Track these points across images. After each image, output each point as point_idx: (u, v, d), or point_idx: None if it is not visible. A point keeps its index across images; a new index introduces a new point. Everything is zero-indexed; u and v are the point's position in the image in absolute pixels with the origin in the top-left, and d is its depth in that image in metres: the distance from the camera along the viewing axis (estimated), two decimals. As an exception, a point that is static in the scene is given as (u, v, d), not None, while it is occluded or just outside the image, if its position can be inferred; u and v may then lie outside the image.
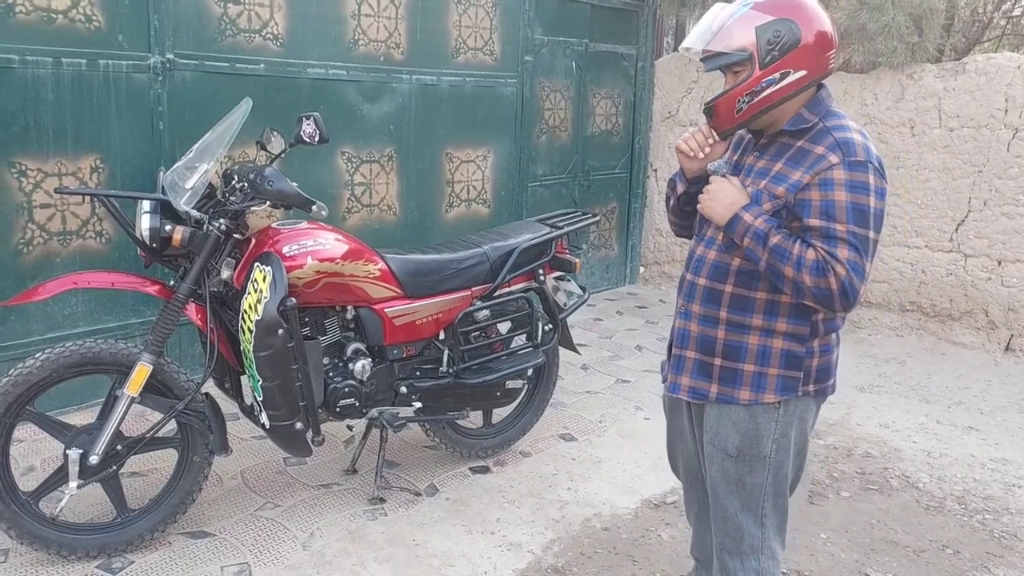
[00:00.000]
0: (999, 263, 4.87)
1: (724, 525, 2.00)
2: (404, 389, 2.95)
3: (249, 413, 2.80)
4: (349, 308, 2.84)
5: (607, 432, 3.73)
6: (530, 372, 3.24)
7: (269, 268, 2.52)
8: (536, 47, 5.33)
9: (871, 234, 1.73)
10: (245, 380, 2.74)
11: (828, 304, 1.75)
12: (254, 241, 2.67)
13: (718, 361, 1.92)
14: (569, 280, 3.41)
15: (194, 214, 2.53)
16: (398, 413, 2.97)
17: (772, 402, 1.88)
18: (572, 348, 3.53)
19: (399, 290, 2.88)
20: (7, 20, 3.23)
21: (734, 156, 2.00)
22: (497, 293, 3.11)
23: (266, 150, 2.79)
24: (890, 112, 5.18)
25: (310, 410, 2.68)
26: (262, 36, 3.95)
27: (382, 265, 2.84)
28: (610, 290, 6.41)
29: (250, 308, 2.50)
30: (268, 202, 2.58)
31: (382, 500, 3.01)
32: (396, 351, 2.93)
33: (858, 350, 5.06)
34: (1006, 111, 4.73)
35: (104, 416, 2.53)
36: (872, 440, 3.75)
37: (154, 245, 2.52)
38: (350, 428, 3.47)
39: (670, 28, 8.15)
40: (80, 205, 3.55)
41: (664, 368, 2.14)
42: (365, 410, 2.90)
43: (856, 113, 5.28)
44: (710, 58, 1.84)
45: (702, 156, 1.96)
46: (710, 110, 1.88)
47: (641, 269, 6.69)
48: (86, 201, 3.55)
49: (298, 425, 2.65)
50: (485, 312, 3.08)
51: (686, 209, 2.10)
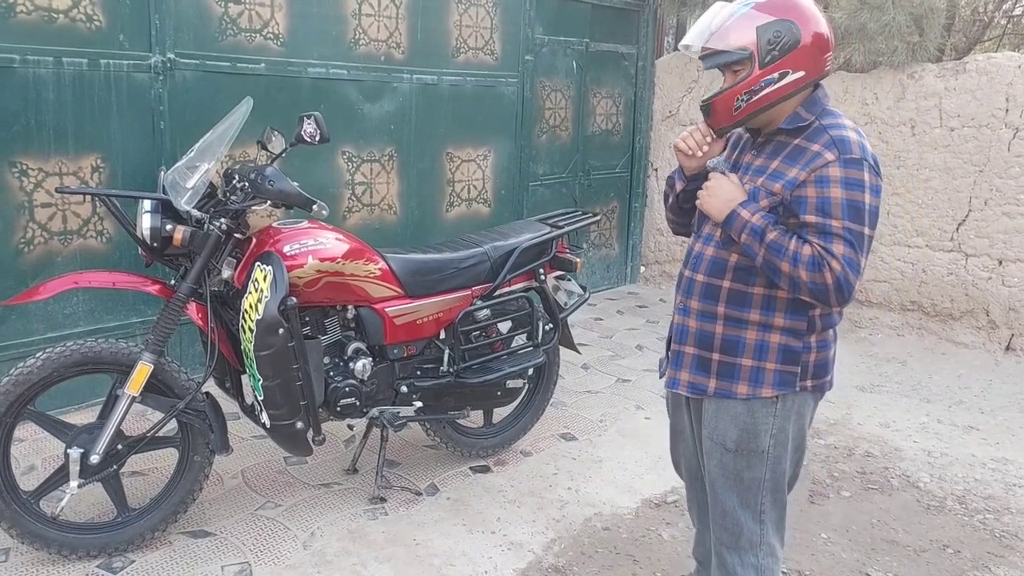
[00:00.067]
0: (1000, 263, 4.87)
1: (723, 520, 2.00)
2: (405, 388, 2.95)
3: (250, 412, 2.80)
4: (350, 307, 2.84)
5: (608, 431, 3.73)
6: (531, 371, 3.24)
7: (270, 267, 2.52)
8: (537, 47, 5.33)
9: (866, 230, 1.76)
10: (246, 379, 2.74)
11: (824, 299, 1.76)
12: (255, 240, 2.68)
13: (716, 356, 1.94)
14: (570, 279, 3.41)
15: (195, 213, 2.54)
16: (399, 412, 2.97)
17: (770, 396, 1.89)
18: (573, 347, 3.53)
19: (400, 289, 2.88)
20: (8, 20, 3.23)
21: (732, 154, 2.02)
22: (498, 292, 3.11)
23: (267, 149, 2.79)
24: (891, 112, 5.17)
25: (311, 409, 2.68)
26: (263, 36, 3.95)
27: (383, 264, 2.84)
28: (611, 289, 6.41)
29: (251, 307, 2.51)
30: (269, 201, 2.58)
31: (383, 499, 3.01)
32: (397, 350, 2.93)
33: (859, 349, 5.06)
34: (1007, 110, 4.73)
35: (105, 415, 2.53)
36: (873, 440, 3.75)
37: (155, 244, 2.53)
38: (351, 427, 3.47)
39: (671, 28, 8.15)
40: (81, 204, 3.55)
41: (662, 364, 2.16)
42: (366, 409, 2.90)
43: (857, 113, 5.28)
44: (709, 56, 1.85)
45: (700, 154, 1.97)
46: (708, 108, 1.89)
47: (642, 268, 6.69)
48: (87, 201, 3.55)
49: (299, 424, 2.65)
50: (486, 311, 3.08)
51: (685, 206, 2.12)
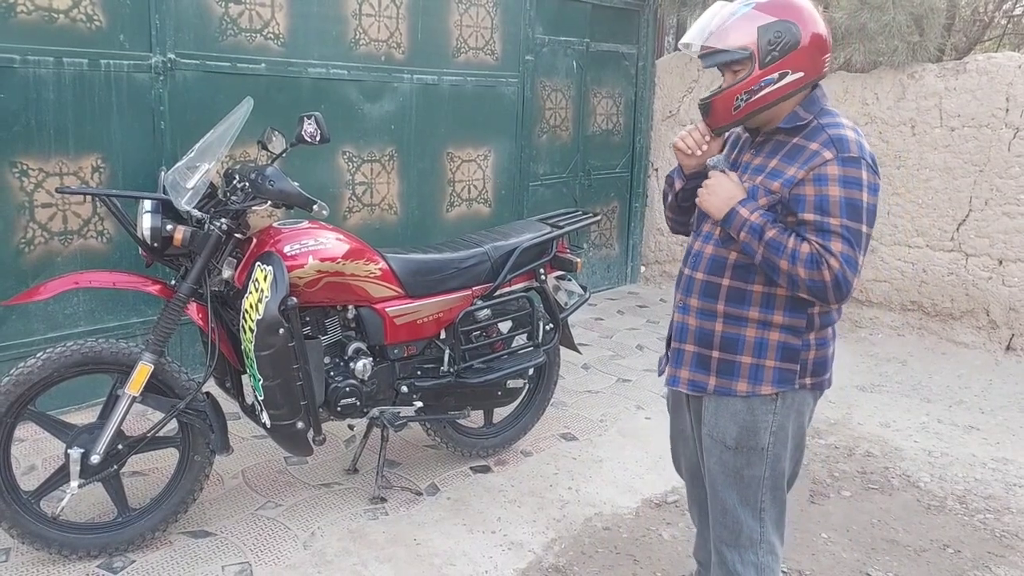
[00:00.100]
0: (1000, 262, 4.87)
1: (723, 518, 2.01)
2: (405, 388, 2.95)
3: (250, 412, 2.80)
4: (350, 307, 2.84)
5: (608, 431, 3.73)
6: (531, 371, 3.24)
7: (270, 267, 2.52)
8: (537, 47, 5.33)
9: (864, 228, 1.77)
10: (246, 379, 2.74)
11: (822, 296, 1.78)
12: (255, 240, 2.68)
13: (716, 354, 1.94)
14: (570, 279, 3.41)
15: (195, 214, 2.54)
16: (399, 412, 2.97)
17: (769, 394, 1.90)
18: (573, 347, 3.53)
19: (400, 289, 2.88)
20: (8, 20, 3.23)
21: (731, 154, 2.03)
22: (498, 292, 3.11)
23: (267, 149, 2.79)
24: (891, 111, 5.17)
25: (311, 409, 2.68)
26: (263, 36, 3.95)
27: (383, 264, 2.84)
28: (611, 289, 6.41)
29: (251, 307, 2.51)
30: (269, 202, 2.58)
31: (383, 499, 3.01)
32: (397, 350, 2.93)
33: (859, 349, 5.06)
34: (1007, 110, 4.73)
35: (105, 415, 2.53)
36: (873, 439, 3.75)
37: (155, 245, 2.53)
38: (351, 427, 3.47)
39: (671, 27, 8.14)
40: (81, 205, 3.55)
41: (661, 363, 2.17)
42: (366, 409, 2.90)
43: (857, 112, 5.28)
44: (709, 55, 1.85)
45: (700, 153, 1.98)
46: (707, 107, 1.90)
47: (642, 268, 6.69)
48: (87, 201, 3.55)
49: (299, 424, 2.65)
50: (486, 311, 3.08)
51: (684, 204, 2.13)
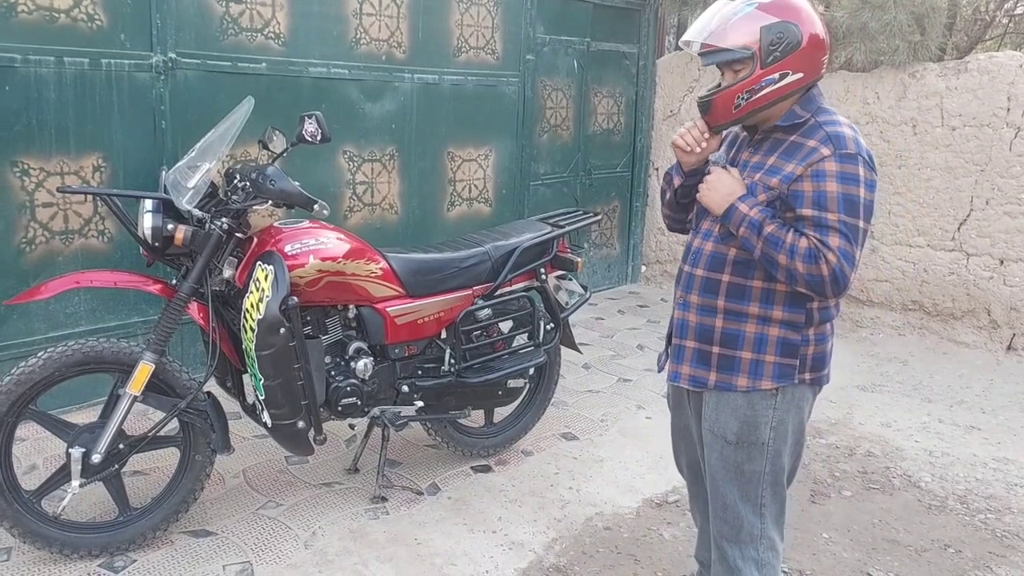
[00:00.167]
0: (1001, 262, 4.87)
1: (723, 513, 2.02)
2: (406, 388, 2.95)
3: (251, 412, 2.80)
4: (351, 307, 2.84)
5: (609, 431, 3.73)
6: (532, 371, 3.25)
7: (271, 267, 2.52)
8: (538, 46, 5.33)
9: (861, 223, 1.79)
10: (247, 379, 2.74)
11: (820, 290, 1.79)
12: (256, 240, 2.68)
13: (716, 349, 1.96)
14: (571, 279, 3.41)
15: (196, 213, 2.54)
16: (400, 412, 2.98)
17: (769, 388, 1.92)
18: (574, 347, 3.53)
19: (401, 289, 2.88)
20: (9, 19, 3.23)
21: (730, 152, 2.04)
22: (499, 292, 3.11)
23: (268, 149, 2.79)
24: (892, 111, 5.17)
25: (312, 409, 2.68)
26: (264, 35, 3.95)
27: (384, 264, 2.84)
28: (612, 289, 6.41)
29: (252, 307, 2.51)
30: (270, 201, 2.59)
31: (384, 499, 3.01)
32: (398, 350, 2.93)
33: (860, 349, 5.06)
34: (1008, 110, 4.73)
35: (106, 415, 2.53)
36: (874, 439, 3.74)
37: (156, 244, 2.53)
38: (352, 427, 3.47)
39: (672, 27, 8.14)
40: (82, 204, 3.55)
41: (661, 359, 2.18)
42: (367, 409, 2.90)
43: (858, 112, 5.28)
44: (710, 53, 1.86)
45: (699, 150, 1.98)
46: (706, 104, 1.90)
47: (643, 268, 6.69)
48: (88, 200, 3.55)
49: (300, 424, 2.65)
50: (487, 311, 3.08)
51: (682, 202, 2.14)
